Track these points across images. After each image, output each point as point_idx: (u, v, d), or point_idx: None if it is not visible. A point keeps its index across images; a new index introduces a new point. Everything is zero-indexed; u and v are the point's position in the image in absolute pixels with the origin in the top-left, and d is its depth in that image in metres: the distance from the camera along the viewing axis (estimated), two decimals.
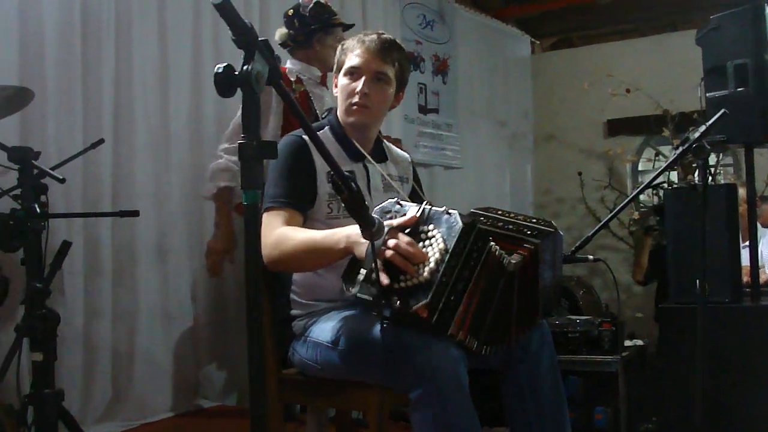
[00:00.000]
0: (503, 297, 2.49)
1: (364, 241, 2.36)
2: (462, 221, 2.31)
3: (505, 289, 2.48)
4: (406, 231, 2.38)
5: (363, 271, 2.41)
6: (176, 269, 4.69)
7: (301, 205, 2.71)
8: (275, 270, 2.74)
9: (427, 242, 2.36)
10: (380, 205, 2.56)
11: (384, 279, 2.34)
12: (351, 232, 2.44)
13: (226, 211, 4.39)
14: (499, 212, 2.66)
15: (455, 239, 2.30)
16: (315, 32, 4.34)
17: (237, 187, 4.28)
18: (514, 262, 2.49)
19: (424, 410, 2.36)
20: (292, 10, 4.39)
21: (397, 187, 2.96)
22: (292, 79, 4.27)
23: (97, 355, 4.28)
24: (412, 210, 2.44)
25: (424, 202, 2.44)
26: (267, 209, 2.69)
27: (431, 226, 2.37)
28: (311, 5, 4.34)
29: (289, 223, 2.66)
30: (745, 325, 4.06)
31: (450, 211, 2.36)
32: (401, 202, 2.51)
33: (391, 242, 2.35)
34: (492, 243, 2.42)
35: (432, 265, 2.30)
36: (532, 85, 9.11)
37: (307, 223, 2.72)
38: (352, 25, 4.57)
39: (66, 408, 3.18)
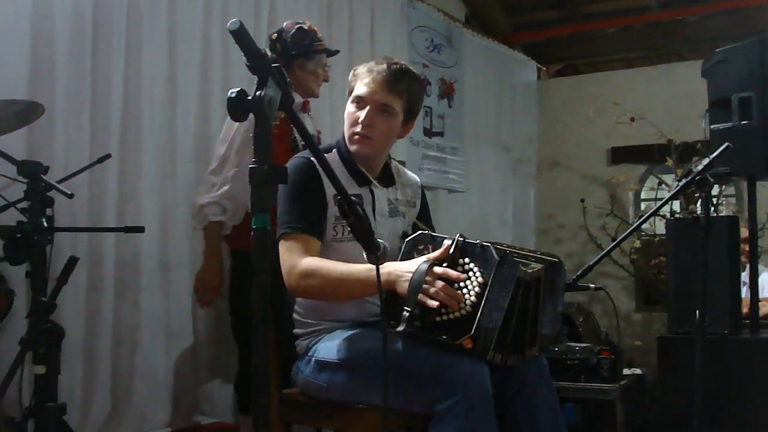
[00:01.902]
0: (522, 308, 2.53)
1: (405, 277, 2.41)
2: (498, 255, 2.40)
3: (524, 299, 2.53)
4: (444, 264, 2.47)
5: (406, 308, 2.46)
6: (178, 285, 4.69)
7: (317, 230, 2.73)
8: (297, 297, 2.77)
9: (464, 275, 2.44)
10: (413, 237, 2.60)
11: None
12: (392, 268, 2.48)
13: (217, 246, 4.33)
14: (504, 245, 2.69)
15: (492, 273, 2.40)
16: (295, 57, 4.23)
17: (227, 220, 4.24)
18: (530, 271, 2.54)
19: (450, 422, 2.39)
20: (276, 34, 4.29)
21: (404, 211, 2.98)
22: None
23: (96, 369, 4.28)
24: (445, 242, 2.49)
25: (457, 235, 2.50)
26: (283, 235, 2.68)
27: (467, 259, 2.46)
28: (293, 30, 4.23)
29: (309, 250, 2.66)
30: (744, 357, 4.08)
31: (483, 244, 2.44)
32: (434, 234, 2.58)
33: (438, 284, 2.41)
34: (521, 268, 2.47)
35: (473, 298, 2.39)
36: (537, 111, 9.15)
37: None
38: (336, 52, 4.51)
39: (66, 421, 3.19)
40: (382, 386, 2.46)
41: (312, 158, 2.72)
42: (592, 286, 3.20)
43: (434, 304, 2.42)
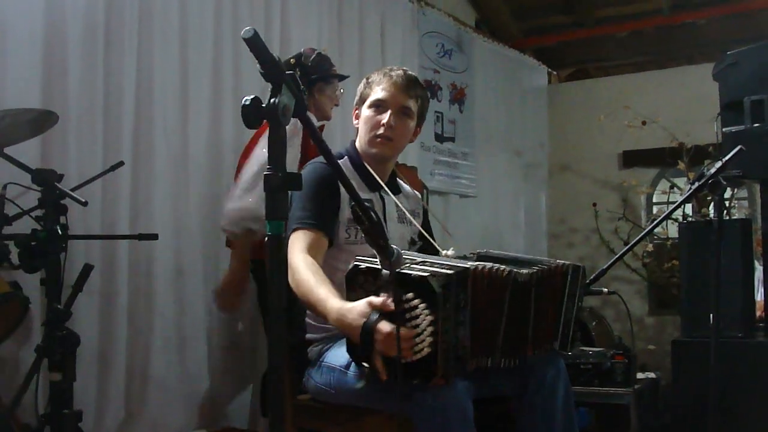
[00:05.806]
0: (515, 308, 2.54)
1: (346, 323, 2.38)
2: (438, 286, 2.26)
3: (514, 299, 2.54)
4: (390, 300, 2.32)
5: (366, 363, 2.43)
6: (192, 292, 4.70)
7: (327, 227, 2.76)
8: None
9: (412, 312, 2.31)
10: (353, 269, 2.47)
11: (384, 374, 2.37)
12: (342, 306, 2.43)
13: (245, 257, 4.32)
14: (449, 263, 2.50)
15: (439, 306, 2.27)
16: (315, 82, 4.42)
17: (261, 229, 4.15)
18: (525, 272, 2.56)
19: None
20: (293, 59, 4.47)
21: (411, 218, 3.02)
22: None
23: (111, 376, 4.29)
24: (383, 272, 2.30)
25: (396, 270, 2.27)
26: (294, 230, 2.73)
27: (410, 295, 2.31)
28: (313, 56, 4.45)
29: (313, 244, 2.69)
30: (758, 361, 4.07)
31: (422, 273, 2.29)
32: (374, 267, 2.39)
33: (380, 337, 2.31)
34: (473, 272, 2.40)
35: (429, 338, 2.28)
36: (548, 115, 9.14)
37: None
38: (347, 76, 4.70)
39: (81, 428, 3.20)
40: (383, 391, 2.48)
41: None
42: (605, 290, 3.20)
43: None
